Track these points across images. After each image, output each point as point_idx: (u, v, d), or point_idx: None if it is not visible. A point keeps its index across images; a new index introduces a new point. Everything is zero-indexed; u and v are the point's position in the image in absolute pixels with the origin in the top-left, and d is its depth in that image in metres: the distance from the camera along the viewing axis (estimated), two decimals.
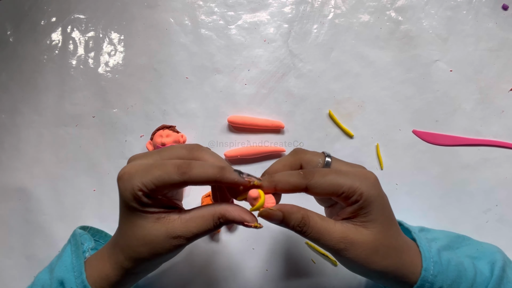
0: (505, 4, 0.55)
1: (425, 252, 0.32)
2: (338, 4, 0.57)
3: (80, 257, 0.36)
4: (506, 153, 0.51)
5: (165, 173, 0.31)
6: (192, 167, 0.31)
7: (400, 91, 0.53)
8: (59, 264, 0.36)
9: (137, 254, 0.33)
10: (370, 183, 0.31)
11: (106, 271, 0.34)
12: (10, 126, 0.56)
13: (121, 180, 0.33)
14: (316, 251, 0.48)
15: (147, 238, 0.32)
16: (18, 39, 0.60)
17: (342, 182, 0.31)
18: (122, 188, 0.32)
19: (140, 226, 0.32)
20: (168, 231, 0.32)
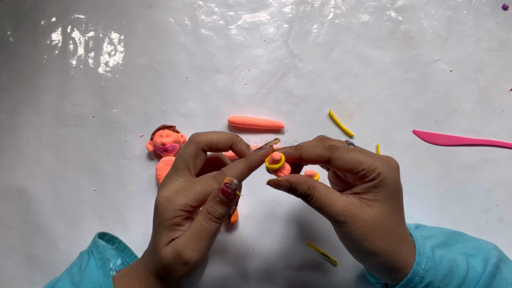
0: (505, 4, 0.55)
1: (419, 247, 0.33)
2: (338, 4, 0.57)
3: (108, 276, 0.35)
4: (506, 153, 0.51)
5: (205, 185, 0.33)
6: (226, 172, 0.33)
7: (400, 91, 0.53)
8: (85, 279, 0.35)
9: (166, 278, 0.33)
10: (391, 167, 0.33)
11: None
12: (10, 126, 0.56)
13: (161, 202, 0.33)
14: (316, 251, 0.48)
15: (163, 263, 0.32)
16: (18, 39, 0.60)
17: (364, 159, 0.32)
18: (161, 209, 0.33)
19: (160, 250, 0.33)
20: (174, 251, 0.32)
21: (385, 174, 0.32)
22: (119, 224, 0.51)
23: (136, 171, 0.53)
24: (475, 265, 0.34)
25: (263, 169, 0.40)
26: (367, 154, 0.33)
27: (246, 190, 0.50)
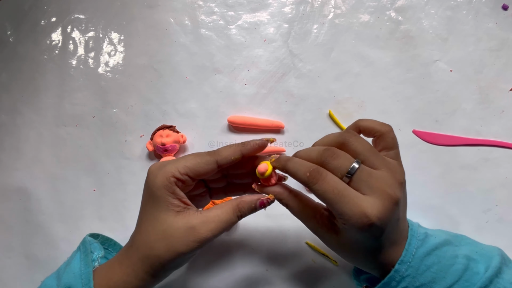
0: (505, 4, 0.55)
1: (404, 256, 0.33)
2: (338, 4, 0.57)
3: (89, 265, 0.36)
4: (506, 153, 0.50)
5: (197, 156, 0.35)
6: (220, 150, 0.36)
7: (400, 91, 0.53)
8: (67, 271, 0.36)
9: (154, 250, 0.33)
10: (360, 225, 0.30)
11: (115, 279, 0.34)
12: (10, 126, 0.56)
13: (152, 169, 0.35)
14: (316, 251, 0.48)
15: (166, 232, 0.33)
16: (18, 39, 0.60)
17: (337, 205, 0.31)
18: (151, 177, 0.34)
19: (160, 220, 0.34)
20: (188, 222, 0.33)
21: (350, 232, 0.32)
22: (119, 224, 0.51)
23: (136, 171, 0.53)
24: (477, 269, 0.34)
25: None
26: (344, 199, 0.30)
27: None
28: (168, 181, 0.33)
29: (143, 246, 0.34)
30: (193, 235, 0.33)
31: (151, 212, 0.34)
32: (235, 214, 0.35)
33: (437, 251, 0.34)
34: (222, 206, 0.35)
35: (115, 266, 0.35)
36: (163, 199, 0.34)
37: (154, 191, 0.34)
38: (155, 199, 0.34)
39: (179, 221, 0.33)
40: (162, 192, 0.33)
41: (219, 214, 0.34)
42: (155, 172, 0.34)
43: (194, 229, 0.33)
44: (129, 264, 0.34)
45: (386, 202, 0.31)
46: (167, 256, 0.33)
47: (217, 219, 0.34)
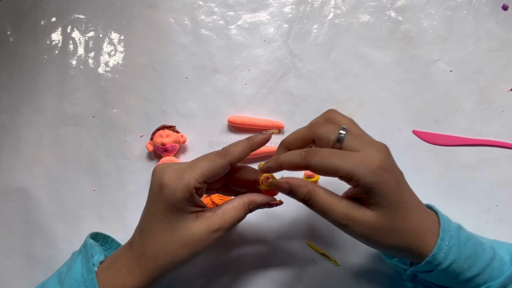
0: (505, 4, 0.55)
1: (444, 225, 0.33)
2: (338, 4, 0.57)
3: (91, 272, 0.35)
4: (506, 153, 0.50)
5: (210, 161, 0.35)
6: (229, 149, 0.36)
7: (400, 91, 0.53)
8: (69, 277, 0.35)
9: (176, 258, 0.34)
10: (369, 171, 0.31)
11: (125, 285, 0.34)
12: (10, 126, 0.56)
13: (168, 183, 0.34)
14: (316, 251, 0.48)
15: (188, 239, 0.34)
16: (18, 39, 0.60)
17: (340, 166, 0.31)
18: (169, 191, 0.34)
19: (180, 228, 0.34)
20: (208, 226, 0.34)
21: (364, 181, 0.31)
22: (119, 224, 0.51)
23: (136, 171, 0.53)
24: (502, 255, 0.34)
25: None
26: (343, 159, 0.32)
27: None
28: (190, 193, 0.33)
29: (162, 256, 0.34)
30: (212, 236, 0.35)
31: (170, 222, 0.34)
32: (246, 211, 0.36)
33: (463, 228, 0.35)
34: (235, 206, 0.36)
35: (123, 273, 0.35)
36: (183, 209, 0.34)
37: (174, 204, 0.34)
38: (175, 211, 0.34)
39: (200, 226, 0.34)
40: (183, 204, 0.34)
41: (232, 215, 0.35)
42: (173, 186, 0.33)
43: (214, 232, 0.35)
44: (144, 273, 0.34)
45: (382, 149, 0.33)
46: (189, 258, 0.35)
47: (231, 220, 0.35)
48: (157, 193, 0.35)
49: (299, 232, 0.49)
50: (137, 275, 0.34)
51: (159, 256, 0.34)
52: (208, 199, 0.48)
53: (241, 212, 0.36)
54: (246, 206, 0.36)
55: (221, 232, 0.35)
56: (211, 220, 0.35)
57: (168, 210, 0.34)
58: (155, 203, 0.35)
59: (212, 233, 0.35)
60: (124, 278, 0.35)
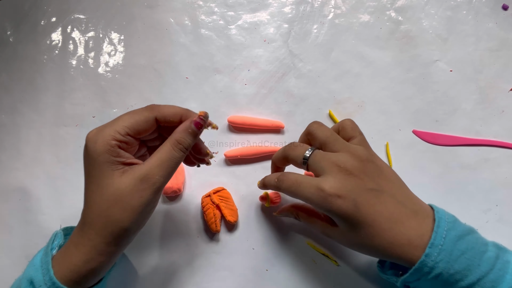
0: (505, 4, 0.55)
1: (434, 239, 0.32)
2: (338, 4, 0.57)
3: (48, 255, 0.35)
4: (506, 153, 0.51)
5: (134, 113, 0.34)
6: (161, 107, 0.35)
7: (400, 91, 0.53)
8: (29, 264, 0.35)
9: (110, 217, 0.32)
10: (321, 199, 0.34)
11: (73, 261, 0.33)
12: (10, 126, 0.56)
13: (90, 136, 0.34)
14: (316, 251, 0.48)
15: (117, 194, 0.32)
16: (18, 39, 0.60)
17: (299, 194, 0.36)
18: (91, 144, 0.33)
19: (107, 185, 0.32)
20: (134, 176, 0.32)
21: (319, 208, 0.35)
22: None
23: None
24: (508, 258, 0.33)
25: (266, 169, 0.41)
26: (302, 187, 0.35)
27: (246, 190, 0.51)
28: (110, 145, 0.32)
29: (97, 219, 0.33)
30: (142, 186, 0.32)
31: (95, 181, 0.33)
32: (176, 148, 0.34)
33: (469, 236, 0.33)
34: (161, 147, 0.34)
35: (71, 249, 0.34)
36: (106, 165, 0.32)
37: (95, 158, 0.32)
38: (97, 167, 0.32)
39: (126, 179, 0.32)
40: (104, 157, 0.32)
41: (159, 156, 0.33)
42: (93, 138, 0.33)
43: (142, 180, 0.32)
44: (86, 242, 0.33)
45: (338, 175, 0.34)
46: (126, 217, 0.32)
47: (159, 161, 0.33)
48: (84, 155, 0.34)
49: (299, 232, 0.49)
50: (82, 246, 0.33)
51: (94, 220, 0.33)
52: (208, 199, 0.48)
53: (169, 151, 0.33)
54: (173, 142, 0.34)
55: (152, 179, 0.32)
56: (137, 170, 0.33)
57: (92, 167, 0.33)
58: (84, 166, 0.34)
59: (140, 181, 0.32)
60: (71, 254, 0.33)
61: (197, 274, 0.48)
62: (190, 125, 0.35)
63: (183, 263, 0.48)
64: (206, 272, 0.48)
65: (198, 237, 0.49)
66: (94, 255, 0.33)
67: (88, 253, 0.33)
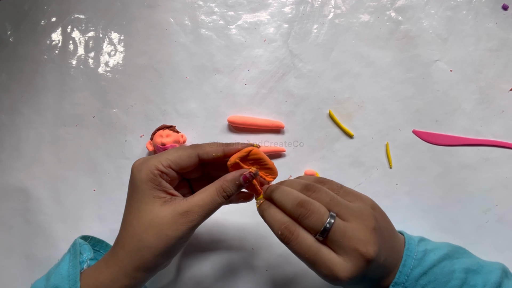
0: (505, 4, 0.55)
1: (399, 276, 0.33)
2: (338, 4, 0.57)
3: (76, 267, 0.36)
4: (506, 153, 0.51)
5: (179, 149, 0.36)
6: (203, 146, 0.37)
7: (400, 91, 0.53)
8: (55, 273, 0.36)
9: (143, 242, 0.33)
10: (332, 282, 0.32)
11: (102, 279, 0.34)
12: (10, 126, 0.56)
13: (136, 165, 0.35)
14: None
15: (153, 221, 0.33)
16: (18, 39, 0.60)
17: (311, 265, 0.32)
18: (135, 172, 0.35)
19: (146, 211, 0.34)
20: (175, 209, 0.33)
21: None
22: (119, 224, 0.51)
23: None
24: (475, 282, 0.34)
25: None
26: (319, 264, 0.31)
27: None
28: (153, 174, 0.34)
29: (130, 241, 0.34)
30: (180, 220, 0.33)
31: (136, 206, 0.34)
32: (220, 195, 0.35)
33: (435, 268, 0.34)
34: (206, 189, 0.35)
35: (102, 266, 0.35)
36: (148, 192, 0.34)
37: (139, 185, 0.34)
38: (140, 193, 0.34)
39: (166, 209, 0.34)
40: (147, 185, 0.34)
41: (203, 197, 0.34)
42: (139, 167, 0.35)
43: (181, 215, 0.33)
44: (116, 262, 0.34)
45: (358, 262, 0.31)
46: (158, 244, 0.33)
47: (201, 202, 0.34)
48: (130, 182, 0.36)
49: None
50: (111, 265, 0.34)
51: (127, 241, 0.34)
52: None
53: (213, 195, 0.34)
54: (219, 188, 0.35)
55: (191, 216, 0.34)
56: (179, 204, 0.34)
57: (135, 193, 0.34)
58: (128, 192, 0.36)
59: (180, 215, 0.33)
60: (100, 272, 0.35)
61: (197, 274, 0.48)
62: (238, 177, 0.35)
63: (183, 263, 0.48)
64: (207, 272, 0.48)
65: (198, 237, 0.49)
66: (120, 277, 0.34)
67: (115, 273, 0.34)
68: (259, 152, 0.38)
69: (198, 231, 0.49)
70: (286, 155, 0.52)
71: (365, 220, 0.32)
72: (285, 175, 0.51)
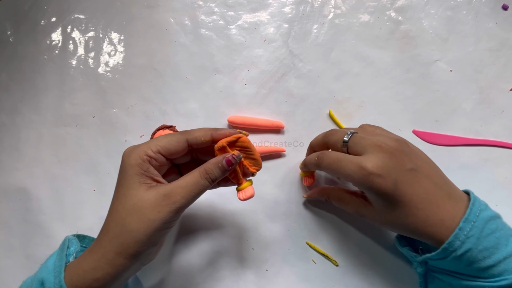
0: (505, 4, 0.55)
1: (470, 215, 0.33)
2: (338, 4, 0.57)
3: (62, 259, 0.35)
4: (506, 153, 0.51)
5: (168, 135, 0.37)
6: (192, 131, 0.37)
7: (400, 91, 0.53)
8: (42, 267, 0.36)
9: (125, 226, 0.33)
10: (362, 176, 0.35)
11: (83, 266, 0.34)
12: (10, 126, 0.56)
13: (126, 151, 0.36)
14: (316, 251, 0.48)
15: (137, 205, 0.33)
16: (18, 39, 0.60)
17: (340, 171, 0.37)
18: (125, 157, 0.35)
19: (130, 195, 0.34)
20: (158, 192, 0.34)
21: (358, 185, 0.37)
22: None
23: None
24: None
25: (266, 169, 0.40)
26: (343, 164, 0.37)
27: None
28: (141, 159, 0.34)
29: (113, 226, 0.34)
30: (163, 202, 0.33)
31: (123, 191, 0.35)
32: (204, 177, 0.35)
33: (499, 219, 0.35)
34: (191, 172, 0.35)
35: (85, 255, 0.35)
36: (135, 177, 0.34)
37: (127, 170, 0.35)
38: (127, 178, 0.34)
39: (150, 193, 0.34)
40: (135, 170, 0.34)
41: (187, 179, 0.35)
42: (129, 153, 0.36)
43: (165, 196, 0.33)
44: (99, 249, 0.34)
45: (380, 154, 0.35)
46: (139, 228, 0.33)
47: (185, 184, 0.34)
48: (120, 168, 0.36)
49: (299, 232, 0.49)
50: (93, 254, 0.34)
51: (110, 227, 0.34)
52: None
53: (196, 177, 0.35)
54: (202, 171, 0.35)
55: (174, 197, 0.33)
56: (163, 187, 0.34)
57: (123, 179, 0.35)
58: (117, 178, 0.36)
59: (162, 197, 0.33)
60: (84, 260, 0.34)
61: (197, 274, 0.48)
62: (221, 160, 0.36)
63: (183, 263, 0.48)
64: (207, 272, 0.48)
65: (197, 236, 0.49)
66: (102, 264, 0.33)
67: (97, 261, 0.33)
68: (248, 140, 0.38)
69: (198, 231, 0.49)
70: (286, 155, 0.52)
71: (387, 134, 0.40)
72: (285, 175, 0.51)
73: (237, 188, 0.39)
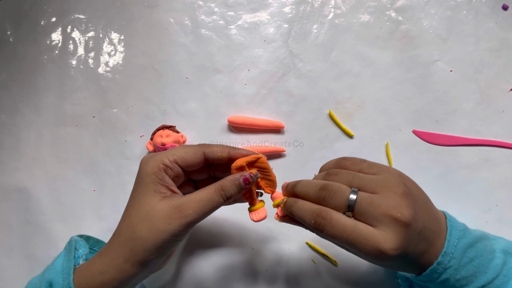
0: (505, 4, 0.55)
1: (447, 247, 0.32)
2: (338, 4, 0.57)
3: (70, 261, 0.36)
4: (506, 153, 0.50)
5: (186, 147, 0.37)
6: (210, 145, 0.37)
7: (400, 91, 0.53)
8: (50, 268, 0.36)
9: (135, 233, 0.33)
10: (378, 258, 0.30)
11: (93, 270, 0.34)
12: (10, 126, 0.56)
13: (144, 159, 0.36)
14: (316, 251, 0.48)
15: (149, 214, 0.33)
16: (18, 39, 0.60)
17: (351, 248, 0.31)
18: (142, 165, 0.36)
19: (144, 203, 0.34)
20: (171, 203, 0.34)
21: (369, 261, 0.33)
22: None
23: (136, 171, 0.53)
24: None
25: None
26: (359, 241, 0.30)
27: None
28: (158, 167, 0.35)
29: (124, 231, 0.34)
30: (174, 214, 0.33)
31: (138, 198, 0.35)
32: (218, 194, 0.35)
33: (478, 244, 0.34)
34: (206, 187, 0.35)
35: (95, 258, 0.35)
36: (150, 185, 0.34)
37: (143, 177, 0.35)
38: (143, 185, 0.35)
39: (163, 204, 0.34)
40: (151, 178, 0.34)
41: (201, 194, 0.34)
42: (146, 160, 0.36)
43: (177, 209, 0.33)
44: (108, 253, 0.34)
45: (398, 229, 0.29)
46: (148, 237, 0.33)
47: (199, 199, 0.34)
48: (137, 175, 0.36)
49: (299, 232, 0.49)
50: (103, 256, 0.34)
51: (122, 232, 0.34)
52: None
53: (211, 192, 0.34)
54: (218, 187, 0.35)
55: (186, 211, 0.33)
56: (176, 199, 0.34)
57: (139, 185, 0.35)
58: (134, 184, 0.37)
59: (174, 209, 0.33)
60: (93, 262, 0.35)
61: (197, 274, 0.48)
62: (239, 178, 0.35)
63: (183, 263, 0.48)
64: (207, 272, 0.48)
65: (198, 236, 0.49)
66: (110, 268, 0.34)
67: (106, 264, 0.34)
68: (267, 162, 0.38)
69: (198, 231, 0.49)
70: (286, 155, 0.52)
71: (392, 187, 0.31)
72: (285, 175, 0.51)
73: (250, 208, 0.38)
